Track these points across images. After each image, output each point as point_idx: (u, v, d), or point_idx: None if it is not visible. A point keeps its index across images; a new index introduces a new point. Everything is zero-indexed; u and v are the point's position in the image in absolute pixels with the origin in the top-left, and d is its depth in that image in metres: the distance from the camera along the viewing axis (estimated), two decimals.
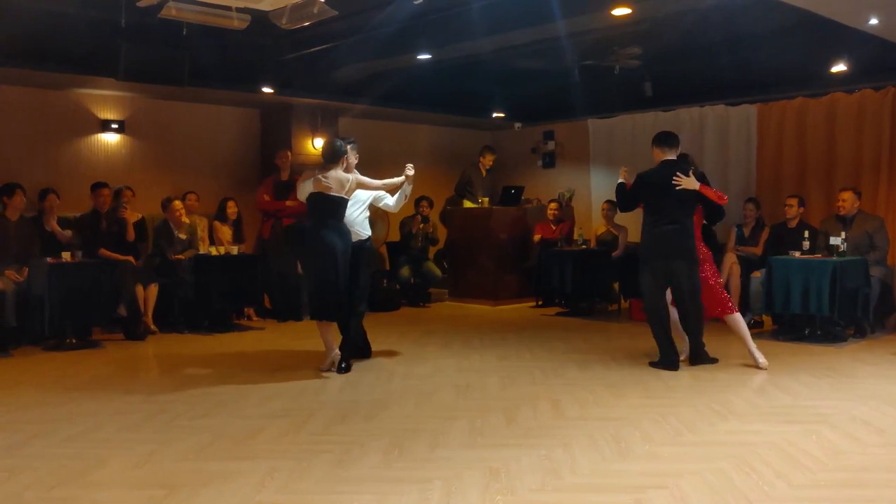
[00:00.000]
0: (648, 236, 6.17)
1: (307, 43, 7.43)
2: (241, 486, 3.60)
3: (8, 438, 4.38)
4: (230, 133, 10.13)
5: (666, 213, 6.04)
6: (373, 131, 11.12)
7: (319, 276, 5.95)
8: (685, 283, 6.02)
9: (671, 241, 6.03)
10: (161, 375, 6.39)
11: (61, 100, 8.72)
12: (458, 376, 5.99)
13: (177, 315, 8.20)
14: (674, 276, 6.04)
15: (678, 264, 6.01)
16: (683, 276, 6.01)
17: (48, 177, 8.22)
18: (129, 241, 8.05)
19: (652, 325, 6.21)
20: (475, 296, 10.31)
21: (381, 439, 4.30)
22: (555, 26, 6.84)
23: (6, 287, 6.99)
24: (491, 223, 10.23)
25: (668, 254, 6.04)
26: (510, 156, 12.14)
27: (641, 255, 6.24)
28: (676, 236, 6.03)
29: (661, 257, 6.07)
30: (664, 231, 6.05)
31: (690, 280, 6.03)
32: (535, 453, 4.02)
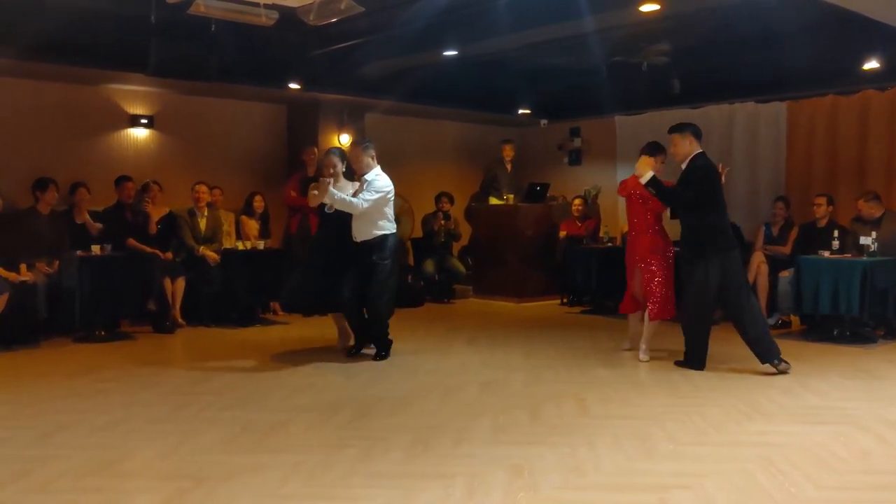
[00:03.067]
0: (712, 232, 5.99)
1: (334, 39, 7.46)
2: (266, 479, 3.64)
3: (39, 428, 4.46)
4: (257, 129, 10.20)
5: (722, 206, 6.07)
6: (398, 128, 11.16)
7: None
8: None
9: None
10: (188, 368, 6.46)
11: (92, 95, 8.83)
12: (482, 373, 5.99)
13: (204, 309, 8.28)
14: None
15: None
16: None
17: (79, 171, 8.32)
18: (151, 235, 8.14)
19: (698, 323, 6.05)
20: (500, 293, 10.29)
21: (405, 435, 4.31)
22: (582, 23, 6.81)
23: (37, 279, 7.11)
24: (516, 220, 10.20)
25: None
26: (536, 152, 12.10)
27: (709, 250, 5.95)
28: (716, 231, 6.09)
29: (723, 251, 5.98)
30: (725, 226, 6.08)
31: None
32: (559, 451, 4.02)
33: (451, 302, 10.32)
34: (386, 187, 6.34)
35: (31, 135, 8.33)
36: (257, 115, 10.14)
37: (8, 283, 6.85)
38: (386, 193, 6.33)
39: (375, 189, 6.28)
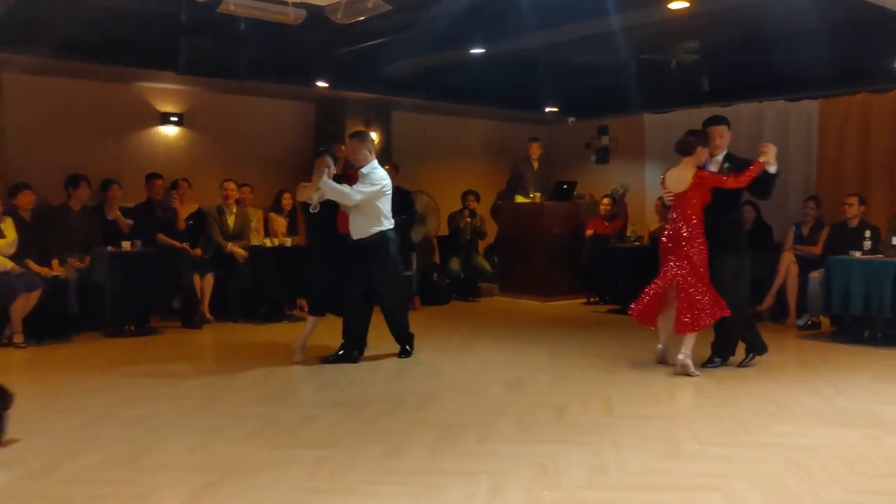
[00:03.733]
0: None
1: (361, 37, 7.49)
2: (292, 474, 3.67)
3: (71, 420, 4.54)
4: (286, 127, 10.27)
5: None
6: (425, 125, 11.17)
7: None
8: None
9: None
10: (216, 363, 6.54)
11: (124, 93, 8.95)
12: (507, 371, 5.99)
13: (232, 305, 8.37)
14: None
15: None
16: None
17: (110, 168, 8.44)
18: (179, 231, 8.24)
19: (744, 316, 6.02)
20: (526, 291, 10.28)
21: (430, 432, 4.33)
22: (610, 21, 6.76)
23: (69, 275, 7.23)
24: (543, 218, 10.18)
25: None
26: (563, 151, 12.06)
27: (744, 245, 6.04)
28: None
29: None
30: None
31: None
32: (584, 450, 4.01)
33: (477, 300, 10.32)
34: (382, 180, 6.16)
35: (63, 132, 8.46)
36: (285, 113, 10.21)
37: (40, 278, 6.97)
38: (382, 187, 6.14)
39: (371, 181, 6.10)
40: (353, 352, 6.31)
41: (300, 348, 6.28)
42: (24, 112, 8.11)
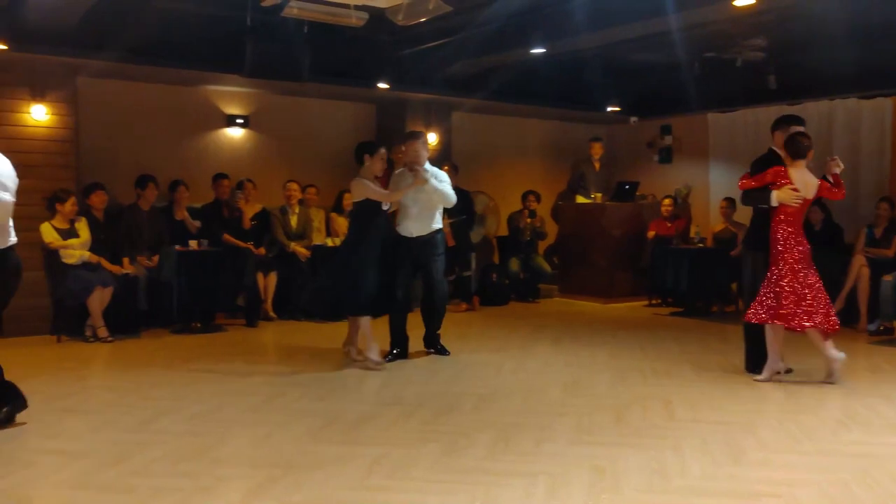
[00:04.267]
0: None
1: (422, 39, 7.54)
2: (352, 470, 3.72)
3: (139, 414, 4.68)
4: (347, 127, 10.38)
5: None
6: (485, 126, 11.17)
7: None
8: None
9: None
10: (279, 360, 6.67)
11: (191, 96, 9.18)
12: (567, 373, 5.95)
13: (294, 303, 8.51)
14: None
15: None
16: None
17: (178, 169, 8.67)
18: (245, 230, 8.41)
19: None
20: (586, 293, 10.19)
21: (488, 432, 4.33)
22: (673, 19, 6.66)
23: (138, 273, 7.46)
24: (604, 219, 10.07)
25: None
26: (625, 151, 11.92)
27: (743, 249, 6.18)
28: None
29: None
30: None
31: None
32: (643, 453, 3.96)
33: (536, 301, 10.27)
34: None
35: (134, 134, 8.72)
36: (347, 115, 10.33)
37: (112, 276, 7.21)
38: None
39: (441, 179, 6.30)
40: (405, 349, 6.44)
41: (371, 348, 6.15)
42: (98, 115, 8.39)
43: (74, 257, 7.05)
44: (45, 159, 7.58)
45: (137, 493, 3.42)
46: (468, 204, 9.64)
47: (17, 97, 7.53)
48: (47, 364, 6.20)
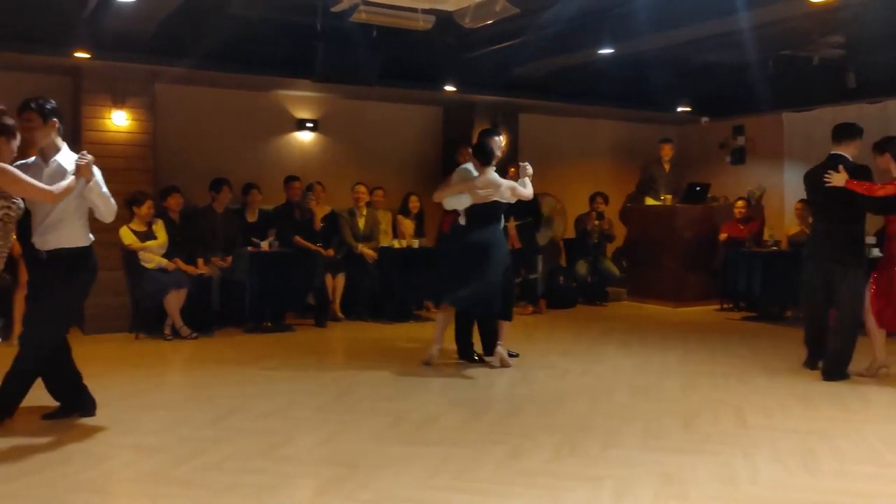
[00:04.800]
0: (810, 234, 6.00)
1: (489, 41, 7.54)
2: (417, 470, 3.74)
3: (211, 411, 4.81)
4: (414, 130, 10.47)
5: (819, 212, 5.85)
6: (552, 127, 11.10)
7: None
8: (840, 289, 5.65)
9: (821, 242, 5.78)
10: (347, 360, 6.76)
11: (263, 101, 9.39)
12: (635, 377, 5.87)
13: (362, 304, 8.61)
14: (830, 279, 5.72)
15: (833, 267, 5.68)
16: (837, 280, 5.66)
17: (250, 172, 8.88)
18: (316, 231, 8.56)
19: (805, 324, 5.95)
20: (655, 296, 10.02)
21: (554, 435, 4.30)
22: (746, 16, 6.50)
23: (212, 273, 7.67)
24: (674, 221, 9.90)
25: (824, 255, 5.74)
26: (696, 151, 11.68)
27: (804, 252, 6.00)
28: (826, 237, 5.76)
29: (818, 258, 5.78)
30: (817, 230, 5.84)
31: (844, 285, 5.62)
32: (713, 460, 3.88)
33: (604, 304, 10.15)
34: None
35: (208, 138, 8.97)
36: (414, 117, 10.41)
37: (187, 276, 7.43)
38: None
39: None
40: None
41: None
42: (174, 120, 8.66)
43: (153, 262, 7.29)
44: (125, 163, 7.86)
45: (210, 489, 3.52)
46: (534, 206, 9.59)
47: (99, 103, 7.83)
48: (125, 361, 6.42)
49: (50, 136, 4.41)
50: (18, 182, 4.16)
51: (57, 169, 4.37)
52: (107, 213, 4.52)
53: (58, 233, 4.38)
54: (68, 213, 4.37)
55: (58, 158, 4.40)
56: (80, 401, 4.63)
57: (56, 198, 4.26)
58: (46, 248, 4.40)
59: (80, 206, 4.43)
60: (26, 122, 4.34)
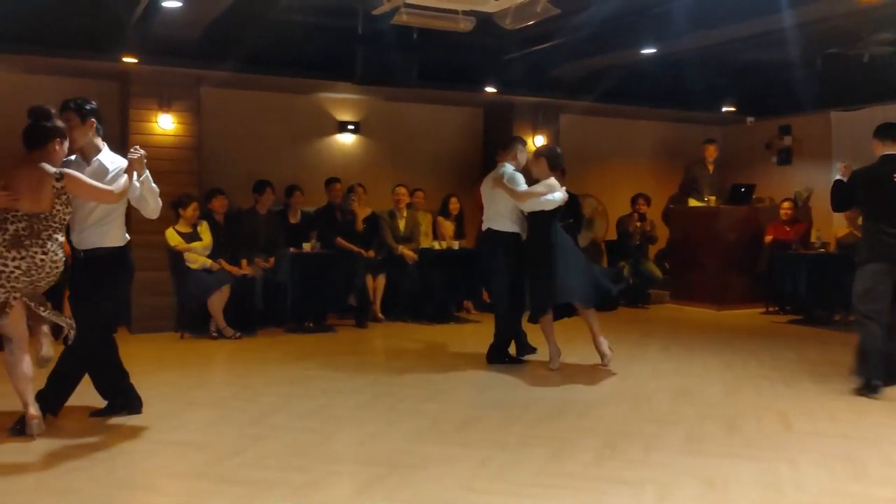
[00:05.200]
0: (868, 239, 5.53)
1: (530, 41, 7.53)
2: (457, 471, 3.75)
3: (254, 410, 4.88)
4: (454, 132, 10.48)
5: (885, 214, 5.41)
6: (593, 128, 11.04)
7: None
8: None
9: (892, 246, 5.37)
10: (387, 360, 6.79)
11: (305, 103, 9.49)
12: (677, 381, 5.80)
13: (402, 305, 8.65)
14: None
15: None
16: None
17: (292, 174, 8.98)
18: (358, 232, 8.62)
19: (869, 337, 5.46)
20: (698, 299, 9.89)
21: (594, 438, 4.27)
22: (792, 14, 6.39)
23: (255, 274, 7.77)
24: (718, 223, 9.76)
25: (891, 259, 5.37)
26: (741, 152, 11.51)
27: (860, 258, 5.57)
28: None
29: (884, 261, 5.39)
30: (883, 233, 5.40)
31: None
32: (757, 466, 3.81)
33: (646, 307, 10.05)
34: None
35: (251, 141, 9.10)
36: (454, 119, 10.43)
37: (231, 277, 7.54)
38: None
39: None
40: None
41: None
42: (218, 123, 8.79)
43: (197, 263, 7.41)
44: (171, 166, 8.00)
45: (253, 486, 3.56)
46: (576, 207, 9.53)
47: (146, 107, 7.98)
48: (170, 360, 6.54)
49: (88, 135, 4.49)
50: (84, 185, 4.27)
51: (98, 168, 4.45)
52: (156, 209, 4.59)
53: (97, 233, 4.47)
54: (111, 213, 4.46)
55: (99, 158, 4.48)
56: (127, 399, 4.72)
57: (117, 197, 4.35)
58: (83, 248, 4.49)
59: (120, 206, 4.50)
60: (66, 122, 4.43)
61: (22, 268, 4.13)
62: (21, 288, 4.15)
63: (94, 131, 4.52)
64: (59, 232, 4.32)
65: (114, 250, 4.51)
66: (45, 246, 4.21)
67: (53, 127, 4.32)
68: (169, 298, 7.68)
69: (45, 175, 4.17)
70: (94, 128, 4.52)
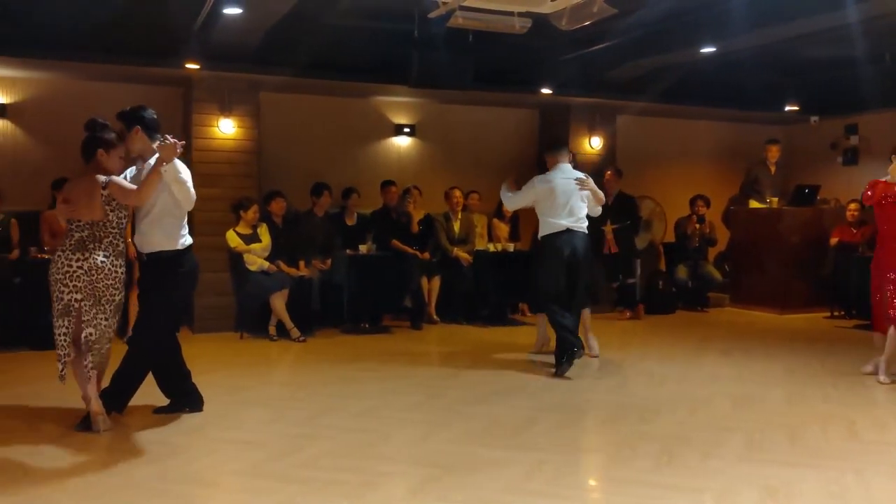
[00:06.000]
0: None
1: (586, 42, 7.45)
2: (511, 474, 3.73)
3: (309, 409, 4.93)
4: (510, 134, 10.45)
5: None
6: (651, 128, 10.89)
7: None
8: None
9: None
10: (441, 362, 6.80)
11: (361, 107, 9.57)
12: (737, 386, 5.67)
13: (457, 307, 8.65)
14: None
15: None
16: None
17: (349, 177, 9.06)
18: (413, 234, 8.66)
19: None
20: (760, 302, 9.66)
21: (652, 444, 4.20)
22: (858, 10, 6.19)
23: (313, 275, 7.87)
24: (780, 225, 9.53)
25: None
26: (804, 152, 11.21)
27: None
28: None
29: None
30: None
31: None
32: (822, 476, 3.70)
33: (706, 310, 9.86)
34: None
35: (309, 144, 9.22)
36: (510, 121, 10.39)
37: (289, 278, 7.65)
38: None
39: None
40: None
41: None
42: (277, 127, 8.93)
43: (255, 265, 7.53)
44: (232, 169, 8.17)
45: (308, 485, 3.60)
46: (632, 209, 9.42)
47: (208, 112, 8.16)
48: (230, 359, 6.67)
49: (139, 141, 4.60)
50: (123, 190, 4.43)
51: (147, 170, 4.55)
52: (184, 201, 4.53)
53: (154, 235, 4.57)
54: (165, 215, 4.54)
55: (151, 160, 4.56)
56: (189, 397, 4.83)
57: (139, 196, 4.41)
58: (144, 251, 4.64)
59: (174, 208, 4.56)
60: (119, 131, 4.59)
61: (84, 268, 4.34)
62: (82, 287, 4.33)
63: (144, 136, 4.60)
64: (118, 238, 4.50)
65: (171, 253, 4.60)
66: (106, 251, 4.41)
67: (96, 138, 4.52)
68: (229, 299, 7.84)
69: (95, 184, 4.39)
70: (140, 133, 4.60)
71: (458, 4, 5.37)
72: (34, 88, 8.06)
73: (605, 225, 9.15)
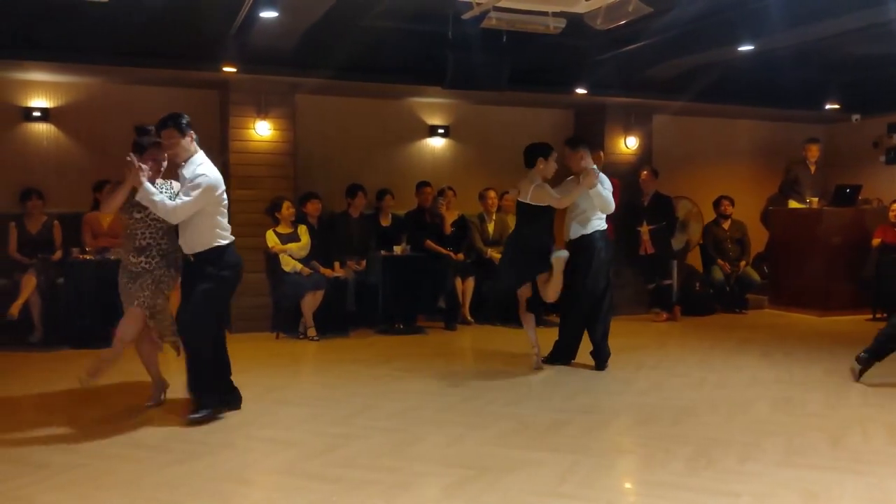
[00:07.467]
0: None
1: (621, 42, 7.39)
2: (544, 476, 3.72)
3: (344, 409, 4.97)
4: (545, 134, 10.28)
5: None
6: (688, 128, 10.77)
7: None
8: None
9: None
10: (475, 363, 6.80)
11: (396, 108, 9.61)
12: (776, 389, 5.59)
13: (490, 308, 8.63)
14: None
15: None
16: None
17: (384, 178, 9.10)
18: (447, 235, 8.67)
19: None
20: (799, 304, 9.50)
21: (687, 447, 4.16)
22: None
23: (348, 276, 7.92)
24: (821, 225, 9.36)
25: None
26: (846, 151, 11.00)
27: None
28: None
29: None
30: None
31: None
32: (863, 481, 3.63)
33: (744, 312, 9.72)
34: None
35: (344, 146, 9.27)
36: (545, 121, 10.34)
37: (324, 279, 7.71)
38: None
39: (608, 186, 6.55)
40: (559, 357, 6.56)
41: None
42: (313, 128, 9.00)
43: (290, 265, 7.60)
44: (268, 171, 8.26)
45: (341, 484, 3.63)
46: (669, 209, 9.33)
47: (245, 114, 8.25)
48: (266, 359, 6.74)
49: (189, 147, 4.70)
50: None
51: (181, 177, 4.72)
52: (166, 215, 4.63)
53: (191, 236, 4.69)
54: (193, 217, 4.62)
55: (183, 168, 4.71)
56: (228, 396, 4.89)
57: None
58: (188, 252, 4.75)
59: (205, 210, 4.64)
60: (167, 138, 4.67)
61: (147, 267, 4.75)
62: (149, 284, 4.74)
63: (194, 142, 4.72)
64: (163, 239, 4.79)
65: (214, 250, 4.69)
66: (159, 250, 4.80)
67: (134, 142, 4.77)
68: (266, 299, 7.93)
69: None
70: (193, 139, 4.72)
71: (492, 5, 5.37)
72: (76, 93, 8.22)
73: (641, 226, 9.07)
